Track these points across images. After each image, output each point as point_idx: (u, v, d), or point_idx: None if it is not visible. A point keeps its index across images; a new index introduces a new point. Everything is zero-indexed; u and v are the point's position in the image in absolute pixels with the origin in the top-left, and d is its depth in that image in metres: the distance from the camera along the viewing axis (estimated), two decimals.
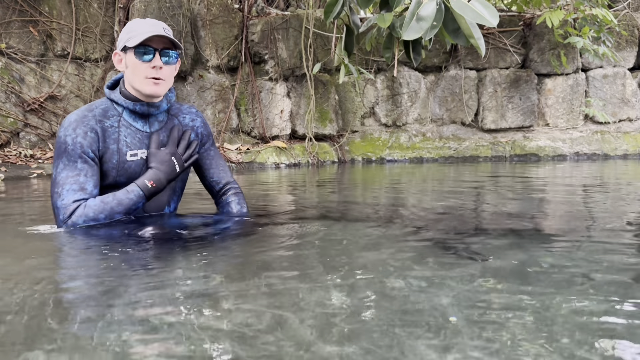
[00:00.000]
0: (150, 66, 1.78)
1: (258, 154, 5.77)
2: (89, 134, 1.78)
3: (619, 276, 1.23)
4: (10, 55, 5.31)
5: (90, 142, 1.77)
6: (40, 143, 5.41)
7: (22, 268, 1.36)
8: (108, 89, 1.91)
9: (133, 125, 1.88)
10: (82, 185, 1.75)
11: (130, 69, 1.80)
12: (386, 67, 6.53)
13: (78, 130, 1.77)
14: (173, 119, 1.99)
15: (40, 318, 0.97)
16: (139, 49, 1.77)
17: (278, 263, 1.38)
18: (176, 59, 1.85)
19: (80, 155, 1.76)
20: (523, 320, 0.94)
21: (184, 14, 5.84)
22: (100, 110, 1.84)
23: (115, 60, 1.86)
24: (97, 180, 1.79)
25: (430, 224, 1.99)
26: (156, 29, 1.77)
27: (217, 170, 2.11)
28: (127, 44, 1.79)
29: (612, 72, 6.77)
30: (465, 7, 1.23)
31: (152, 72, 1.78)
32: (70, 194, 1.74)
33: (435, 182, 3.97)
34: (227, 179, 2.12)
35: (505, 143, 6.57)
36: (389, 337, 0.87)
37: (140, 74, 1.78)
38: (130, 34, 1.79)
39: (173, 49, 1.82)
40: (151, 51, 1.78)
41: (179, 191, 2.07)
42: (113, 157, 1.83)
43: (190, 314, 0.98)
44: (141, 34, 1.76)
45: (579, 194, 3.03)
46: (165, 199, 1.99)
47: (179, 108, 2.04)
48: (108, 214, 1.74)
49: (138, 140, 1.88)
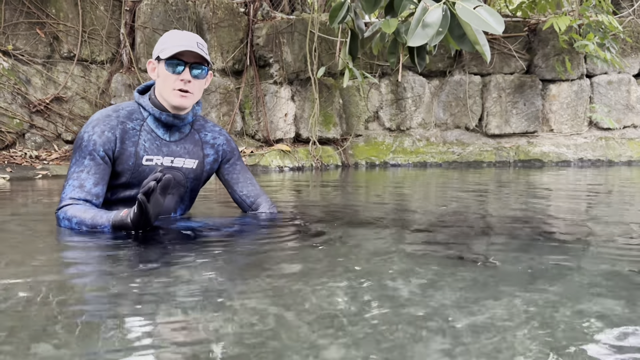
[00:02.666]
0: (180, 79, 1.82)
1: (262, 157, 5.78)
2: (105, 134, 1.81)
3: (624, 282, 1.23)
4: (17, 57, 5.34)
5: (104, 141, 1.81)
6: (45, 144, 5.44)
7: (29, 266, 1.37)
8: (138, 92, 1.95)
9: (154, 131, 1.91)
10: (82, 182, 1.79)
11: (161, 79, 1.85)
12: (390, 71, 6.54)
13: (96, 129, 1.81)
14: (195, 134, 2.01)
15: (47, 315, 0.98)
16: (170, 61, 1.81)
17: (282, 265, 1.39)
18: (206, 73, 1.89)
19: (90, 152, 1.80)
20: (527, 325, 0.95)
21: (190, 17, 5.87)
22: (125, 112, 1.89)
23: (149, 69, 1.91)
24: (99, 178, 1.81)
25: (433, 227, 2.00)
26: (189, 44, 1.80)
27: (245, 184, 2.12)
28: (160, 54, 1.84)
29: (617, 79, 6.76)
30: (471, 14, 1.24)
31: (181, 85, 1.82)
32: (69, 189, 1.79)
33: (439, 186, 3.97)
34: (257, 192, 2.13)
35: (509, 148, 6.56)
36: (392, 340, 0.88)
37: (169, 85, 1.83)
38: (164, 45, 1.84)
39: (204, 64, 1.85)
40: (182, 64, 1.81)
41: (187, 201, 2.08)
42: (130, 159, 1.86)
43: (194, 314, 0.99)
44: (173, 47, 1.80)
45: (583, 200, 3.03)
46: (172, 206, 2.00)
47: (203, 125, 2.06)
48: (79, 221, 1.73)
49: (156, 147, 1.91)
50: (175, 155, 1.94)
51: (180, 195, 2.02)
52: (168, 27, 5.76)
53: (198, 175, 2.03)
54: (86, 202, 1.79)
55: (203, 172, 2.05)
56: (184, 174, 1.98)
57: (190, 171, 1.99)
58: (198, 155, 2.01)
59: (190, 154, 1.98)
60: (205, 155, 2.04)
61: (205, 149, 2.04)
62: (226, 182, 2.13)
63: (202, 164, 2.03)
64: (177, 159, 1.95)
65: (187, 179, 2.00)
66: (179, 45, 1.79)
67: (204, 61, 1.85)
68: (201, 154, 2.02)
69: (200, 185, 2.10)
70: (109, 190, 1.90)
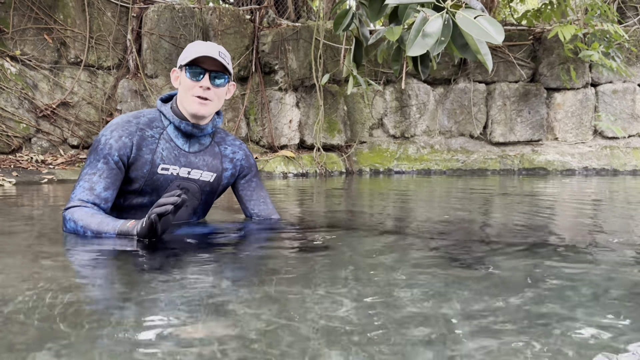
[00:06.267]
0: (199, 85, 1.82)
1: (266, 163, 5.80)
2: (122, 139, 1.82)
3: (627, 291, 1.23)
4: (25, 62, 5.39)
5: (120, 146, 1.81)
6: (51, 149, 5.47)
7: (33, 270, 1.38)
8: (161, 101, 1.96)
9: (174, 140, 1.91)
10: (92, 184, 1.79)
11: (182, 87, 1.87)
12: (395, 78, 6.56)
13: (114, 133, 1.83)
14: (215, 147, 2.01)
15: (51, 320, 0.99)
16: (190, 67, 1.82)
17: (285, 271, 1.40)
18: (226, 82, 1.89)
19: (104, 156, 1.80)
20: (531, 334, 0.95)
21: (196, 24, 5.91)
22: (146, 119, 1.90)
23: (172, 78, 1.92)
24: (110, 183, 1.81)
25: (437, 235, 2.00)
26: (209, 51, 1.81)
27: (257, 202, 2.11)
28: (181, 62, 1.85)
29: (622, 88, 6.75)
30: (472, 23, 1.25)
31: (200, 92, 1.83)
32: (79, 190, 1.80)
33: (443, 194, 3.97)
34: (268, 212, 2.12)
35: (513, 156, 6.56)
36: (395, 347, 0.88)
37: (188, 91, 1.84)
38: (187, 53, 1.85)
39: (225, 73, 1.86)
40: (202, 71, 1.82)
41: (200, 212, 2.08)
42: (145, 166, 1.86)
43: (198, 319, 1.00)
44: (195, 53, 1.81)
45: (587, 209, 3.02)
46: (184, 217, 2.01)
47: (224, 138, 2.06)
48: (85, 225, 1.73)
49: (174, 156, 1.90)
50: (193, 166, 1.94)
51: (194, 208, 2.02)
52: (174, 33, 5.81)
53: (214, 189, 2.03)
54: (94, 205, 1.79)
55: (219, 185, 2.04)
56: (200, 187, 1.97)
57: (206, 184, 1.98)
58: (217, 168, 2.00)
59: (208, 166, 1.97)
60: (223, 169, 2.03)
61: (224, 162, 2.03)
62: (239, 198, 2.12)
63: (219, 178, 2.02)
64: (194, 170, 1.94)
65: (202, 192, 1.99)
66: (199, 53, 1.81)
67: (225, 70, 1.85)
68: (220, 168, 2.01)
69: (215, 198, 2.10)
70: (122, 196, 1.90)
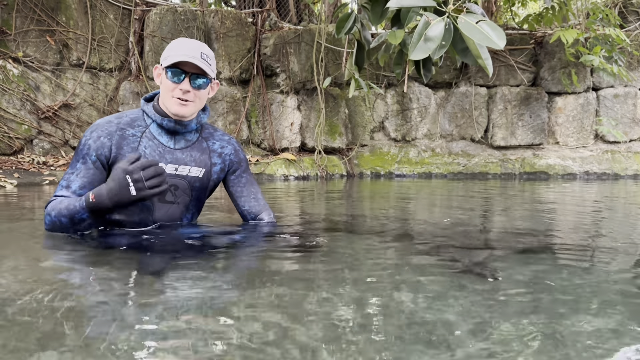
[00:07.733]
0: (179, 88, 1.82)
1: (267, 165, 5.80)
2: (101, 139, 1.84)
3: (628, 297, 1.23)
4: (27, 64, 5.40)
5: (98, 146, 1.83)
6: (53, 150, 5.48)
7: (34, 271, 1.38)
8: (145, 100, 1.97)
9: (157, 138, 1.92)
10: (69, 183, 1.83)
11: (163, 86, 1.87)
12: (396, 82, 6.57)
13: (94, 134, 1.85)
14: (202, 142, 2.01)
15: (52, 321, 0.99)
16: (171, 69, 1.82)
17: (286, 274, 1.40)
18: (207, 84, 1.88)
19: (83, 156, 1.83)
20: (534, 339, 0.95)
21: (198, 26, 5.93)
22: (128, 119, 1.91)
23: (155, 74, 1.92)
24: (86, 182, 1.83)
25: (438, 239, 2.00)
26: (192, 54, 1.80)
27: (248, 198, 2.10)
28: (163, 62, 1.84)
29: (623, 92, 6.76)
30: (473, 28, 1.25)
31: (179, 94, 1.83)
32: (58, 188, 1.84)
33: (444, 197, 3.97)
34: (260, 208, 2.11)
35: (514, 160, 6.56)
36: (395, 351, 0.88)
37: (169, 92, 1.84)
38: (169, 52, 1.84)
39: (206, 75, 1.86)
40: (182, 74, 1.82)
41: (193, 210, 2.07)
42: None
43: (198, 322, 1.00)
44: (176, 55, 1.80)
45: (588, 213, 3.02)
46: (177, 215, 2.00)
47: (212, 133, 2.06)
48: (57, 213, 1.77)
49: (158, 153, 1.91)
50: (180, 162, 1.94)
51: (185, 205, 2.02)
52: (176, 35, 5.82)
53: (204, 184, 2.03)
54: None
55: (209, 181, 2.04)
56: (189, 183, 1.97)
57: (195, 180, 1.99)
58: (205, 163, 2.00)
59: (196, 162, 1.98)
60: (212, 164, 2.02)
61: (212, 157, 2.03)
62: (231, 195, 2.12)
63: (209, 173, 2.02)
64: (181, 166, 1.95)
65: (192, 188, 1.99)
66: (181, 55, 1.79)
67: (206, 72, 1.85)
68: (208, 163, 2.01)
69: (207, 195, 2.10)
70: None
